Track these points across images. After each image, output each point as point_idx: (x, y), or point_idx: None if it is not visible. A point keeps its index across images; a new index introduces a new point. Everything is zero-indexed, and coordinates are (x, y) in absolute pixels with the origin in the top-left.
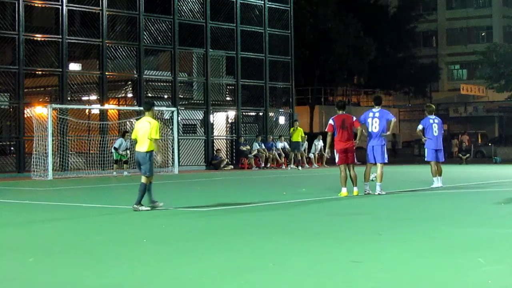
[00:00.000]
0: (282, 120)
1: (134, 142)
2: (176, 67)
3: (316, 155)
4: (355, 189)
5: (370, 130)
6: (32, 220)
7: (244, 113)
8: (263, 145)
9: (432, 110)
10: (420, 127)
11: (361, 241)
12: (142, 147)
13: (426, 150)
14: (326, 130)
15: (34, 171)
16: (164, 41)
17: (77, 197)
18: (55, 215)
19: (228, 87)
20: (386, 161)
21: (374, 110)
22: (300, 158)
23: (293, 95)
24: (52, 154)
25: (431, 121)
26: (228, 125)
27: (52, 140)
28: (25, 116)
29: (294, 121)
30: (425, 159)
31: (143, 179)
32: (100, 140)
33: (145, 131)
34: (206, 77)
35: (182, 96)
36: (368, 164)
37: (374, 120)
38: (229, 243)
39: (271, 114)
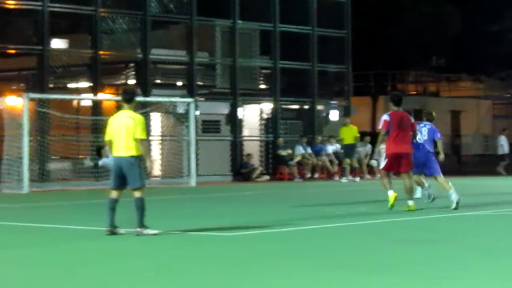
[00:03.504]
0: (334, 115)
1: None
2: (193, 45)
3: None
4: (410, 202)
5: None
6: (5, 245)
7: (284, 106)
8: (309, 148)
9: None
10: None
11: (440, 278)
12: (125, 150)
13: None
14: (380, 127)
15: (4, 182)
16: (178, 10)
17: (61, 217)
18: (31, 239)
19: (262, 71)
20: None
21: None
22: (357, 166)
23: (350, 82)
24: (29, 159)
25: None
26: (262, 122)
27: (29, 141)
28: None
29: (344, 117)
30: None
31: (137, 193)
32: (93, 141)
33: (127, 129)
34: (234, 58)
35: (201, 83)
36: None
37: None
38: (264, 279)
39: (320, 107)
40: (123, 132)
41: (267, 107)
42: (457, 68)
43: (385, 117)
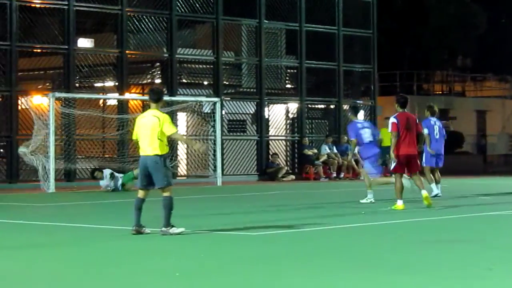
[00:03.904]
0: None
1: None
2: (219, 44)
3: None
4: (399, 203)
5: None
6: (31, 244)
7: (309, 106)
8: (334, 148)
9: (434, 112)
10: (425, 130)
11: (464, 278)
12: (151, 149)
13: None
14: (389, 130)
15: (33, 180)
16: (204, 10)
17: (87, 216)
18: (58, 238)
19: (288, 70)
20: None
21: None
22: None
23: (376, 82)
24: (55, 158)
25: (432, 122)
26: (288, 121)
27: (55, 141)
28: (19, 108)
29: (386, 118)
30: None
31: (165, 192)
32: (118, 140)
33: (152, 128)
34: (260, 57)
35: (227, 83)
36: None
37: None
38: (290, 278)
39: (345, 107)
40: (149, 131)
41: (293, 106)
42: (483, 68)
43: (393, 119)
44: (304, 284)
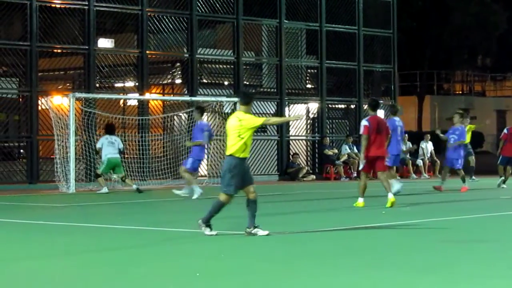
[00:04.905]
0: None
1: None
2: (240, 44)
3: (427, 161)
4: (390, 196)
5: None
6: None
7: (330, 106)
8: (355, 148)
9: (396, 111)
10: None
11: (484, 277)
12: (229, 149)
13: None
14: (361, 132)
15: (58, 181)
16: (225, 10)
17: (108, 216)
18: (78, 239)
19: (309, 70)
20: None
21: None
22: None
23: (396, 82)
24: (75, 159)
25: (396, 123)
26: (309, 121)
27: (75, 141)
28: (39, 108)
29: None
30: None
31: (222, 196)
32: (139, 141)
33: (232, 130)
34: (280, 57)
35: (247, 83)
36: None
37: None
38: (311, 277)
39: (366, 106)
40: (230, 133)
41: (313, 106)
42: (503, 68)
43: (365, 122)
44: (325, 284)
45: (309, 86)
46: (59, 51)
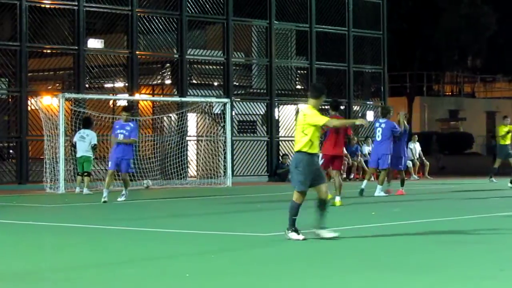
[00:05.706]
0: (370, 115)
1: None
2: (229, 45)
3: (417, 162)
4: (338, 198)
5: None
6: (41, 245)
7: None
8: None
9: (386, 113)
10: None
11: (476, 278)
12: (296, 145)
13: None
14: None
15: (46, 181)
16: (214, 10)
17: (106, 216)
18: (71, 239)
19: (298, 71)
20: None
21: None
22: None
23: (386, 83)
24: (65, 159)
25: (377, 124)
26: None
27: (65, 141)
28: (29, 108)
29: (504, 117)
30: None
31: (294, 195)
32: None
33: (298, 125)
34: (270, 58)
35: (237, 84)
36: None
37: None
38: (302, 279)
39: (356, 107)
40: (297, 127)
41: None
42: (493, 69)
43: None
44: (315, 285)
45: (299, 87)
46: (48, 51)
